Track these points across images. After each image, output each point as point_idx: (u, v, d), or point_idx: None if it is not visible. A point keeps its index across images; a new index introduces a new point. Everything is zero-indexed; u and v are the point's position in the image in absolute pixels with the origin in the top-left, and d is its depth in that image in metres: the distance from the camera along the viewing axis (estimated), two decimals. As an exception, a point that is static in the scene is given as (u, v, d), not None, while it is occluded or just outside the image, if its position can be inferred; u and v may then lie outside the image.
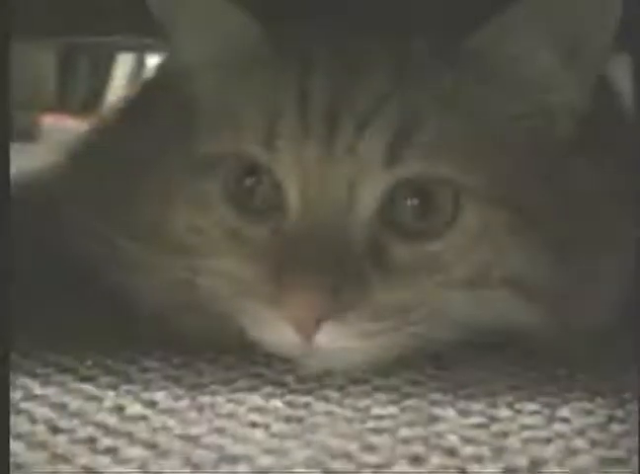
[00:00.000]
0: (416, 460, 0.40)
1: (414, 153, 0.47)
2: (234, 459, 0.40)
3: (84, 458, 0.40)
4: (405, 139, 0.47)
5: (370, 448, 0.41)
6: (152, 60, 1.77)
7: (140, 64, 2.45)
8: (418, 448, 0.41)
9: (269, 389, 0.48)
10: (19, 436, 0.41)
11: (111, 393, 0.47)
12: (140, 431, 0.43)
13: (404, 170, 0.47)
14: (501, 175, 0.48)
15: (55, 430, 0.43)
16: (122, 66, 2.55)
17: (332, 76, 0.48)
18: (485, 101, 0.49)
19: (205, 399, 0.47)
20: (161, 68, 0.62)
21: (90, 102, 2.41)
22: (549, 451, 0.41)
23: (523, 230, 0.48)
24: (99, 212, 0.52)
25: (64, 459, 0.40)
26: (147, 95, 0.60)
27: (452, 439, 0.42)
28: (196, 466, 0.39)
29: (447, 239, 0.48)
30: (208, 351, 0.52)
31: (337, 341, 0.46)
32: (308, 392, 0.48)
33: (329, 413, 0.45)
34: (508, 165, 0.49)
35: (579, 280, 0.50)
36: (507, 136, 0.49)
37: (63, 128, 1.85)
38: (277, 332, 0.47)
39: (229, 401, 0.46)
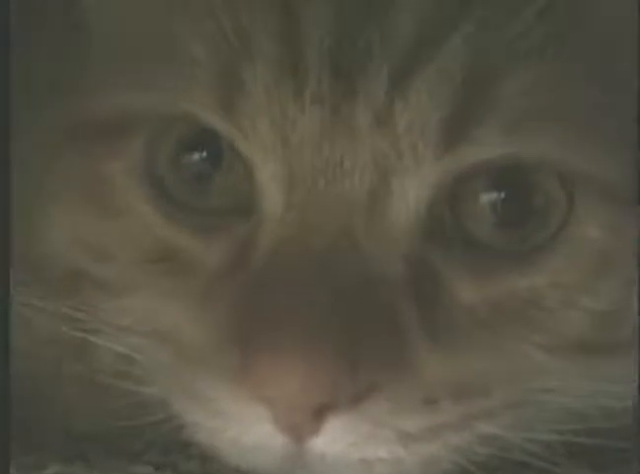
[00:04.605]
0: None
1: (492, 122, 0.37)
2: None
3: None
4: (477, 100, 0.37)
5: None
6: None
7: None
8: None
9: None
10: None
11: None
12: None
13: (475, 150, 0.38)
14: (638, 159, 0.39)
15: None
16: None
17: None
18: (617, 40, 0.39)
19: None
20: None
21: None
22: None
23: None
24: None
25: None
26: None
27: None
28: None
29: (550, 266, 0.39)
30: (109, 453, 0.42)
31: (351, 447, 0.37)
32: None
33: None
34: None
35: None
36: None
37: None
38: (242, 427, 0.38)
39: None
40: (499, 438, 0.38)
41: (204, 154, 0.41)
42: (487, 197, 0.39)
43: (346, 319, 0.36)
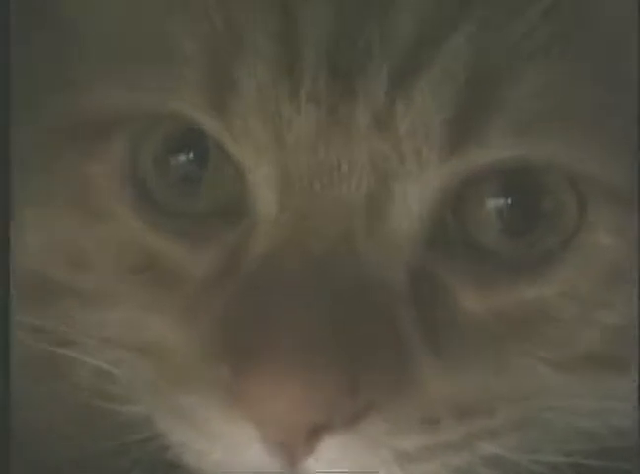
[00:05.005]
0: None
1: (498, 123, 0.36)
2: None
3: None
4: (482, 101, 0.36)
5: None
6: None
7: None
8: None
9: None
10: None
11: None
12: None
13: (481, 153, 0.36)
14: None
15: None
16: None
17: None
18: (622, 39, 0.37)
19: None
20: None
21: None
22: None
23: None
24: None
25: None
26: None
27: None
28: None
29: (559, 275, 0.37)
30: (93, 471, 0.40)
31: (346, 468, 0.35)
32: None
33: None
34: None
35: None
36: None
37: None
38: (231, 449, 0.36)
39: None
40: (503, 459, 0.36)
41: (191, 155, 0.39)
42: (493, 202, 0.37)
43: (344, 331, 0.34)
